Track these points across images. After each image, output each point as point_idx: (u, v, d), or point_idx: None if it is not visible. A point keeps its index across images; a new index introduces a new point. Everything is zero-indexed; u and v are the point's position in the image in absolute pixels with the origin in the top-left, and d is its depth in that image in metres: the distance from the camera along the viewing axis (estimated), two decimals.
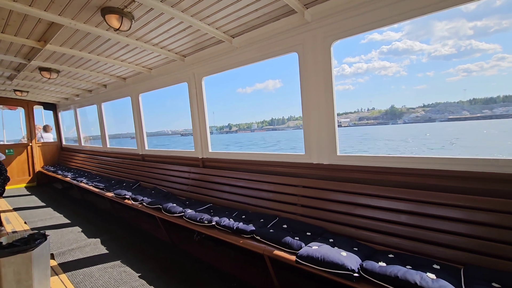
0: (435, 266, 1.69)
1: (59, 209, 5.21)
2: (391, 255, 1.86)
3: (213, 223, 2.67)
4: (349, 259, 1.77)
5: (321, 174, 2.71)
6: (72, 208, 5.31)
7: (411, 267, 1.65)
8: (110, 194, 4.32)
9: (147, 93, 5.07)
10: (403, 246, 1.99)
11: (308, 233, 2.33)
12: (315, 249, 1.94)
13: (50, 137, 8.64)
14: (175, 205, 3.21)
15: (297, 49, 2.73)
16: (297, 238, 2.18)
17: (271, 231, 2.34)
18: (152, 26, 3.00)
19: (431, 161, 2.09)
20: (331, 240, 2.15)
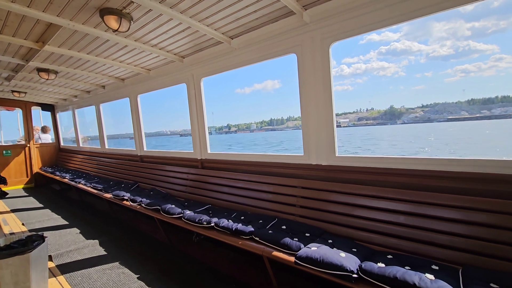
0: (434, 266, 1.70)
1: (57, 211, 5.18)
2: (390, 256, 1.86)
3: (212, 224, 2.67)
4: (348, 260, 1.77)
5: (320, 175, 2.71)
6: (70, 209, 5.29)
7: (409, 268, 1.66)
8: (108, 195, 4.30)
9: (146, 94, 5.08)
10: (402, 247, 2.00)
11: (307, 234, 2.33)
12: (314, 250, 1.94)
13: (48, 138, 8.62)
14: (173, 206, 3.20)
15: (296, 50, 2.73)
16: (296, 239, 2.18)
17: (270, 232, 2.34)
18: (151, 27, 3.00)
19: (429, 162, 2.10)
20: (330, 241, 2.15)
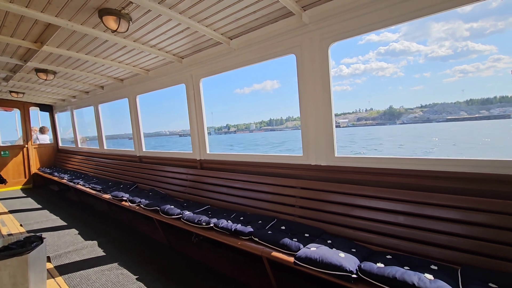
0: (433, 266, 1.70)
1: (55, 211, 5.16)
2: (389, 256, 1.86)
3: (211, 225, 2.66)
4: (347, 260, 1.78)
5: (319, 175, 2.71)
6: (68, 210, 5.27)
7: (409, 268, 1.66)
8: (107, 196, 4.29)
9: (145, 94, 5.07)
10: (401, 247, 2.00)
11: (306, 235, 2.33)
12: (313, 250, 1.94)
13: (46, 139, 8.58)
14: (172, 207, 3.20)
15: (295, 51, 2.74)
16: (295, 239, 2.18)
17: (269, 232, 2.34)
18: (149, 27, 3.00)
19: (428, 162, 2.10)
20: (329, 241, 2.15)
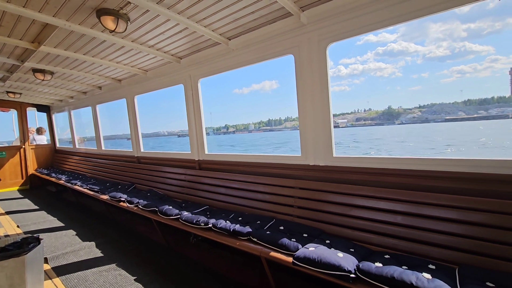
0: (431, 266, 1.71)
1: (52, 212, 5.13)
2: (387, 256, 1.87)
3: (210, 225, 2.66)
4: (346, 260, 1.78)
5: (318, 175, 2.72)
6: (66, 211, 5.24)
7: (407, 268, 1.67)
8: (105, 196, 4.27)
9: (143, 95, 5.05)
10: (399, 246, 2.01)
11: (304, 235, 2.33)
12: (312, 250, 1.94)
13: (43, 140, 8.53)
14: (171, 207, 3.19)
15: (293, 52, 2.74)
16: (294, 239, 2.18)
17: (268, 232, 2.34)
18: (148, 28, 3.00)
19: (426, 162, 2.11)
20: (328, 241, 2.16)
